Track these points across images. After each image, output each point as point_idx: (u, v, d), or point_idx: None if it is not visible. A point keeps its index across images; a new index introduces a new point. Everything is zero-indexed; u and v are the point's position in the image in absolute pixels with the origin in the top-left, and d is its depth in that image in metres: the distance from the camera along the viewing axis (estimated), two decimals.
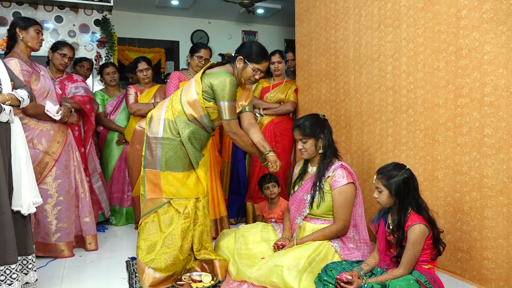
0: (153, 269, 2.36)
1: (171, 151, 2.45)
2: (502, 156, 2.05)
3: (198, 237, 2.52)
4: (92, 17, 5.14)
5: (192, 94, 2.47)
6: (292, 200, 2.58)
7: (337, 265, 2.12)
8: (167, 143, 2.45)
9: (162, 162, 2.45)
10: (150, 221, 2.48)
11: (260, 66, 2.50)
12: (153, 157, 2.48)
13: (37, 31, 2.83)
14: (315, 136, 2.45)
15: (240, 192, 3.94)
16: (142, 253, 2.42)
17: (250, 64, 2.48)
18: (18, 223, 2.15)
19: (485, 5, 2.11)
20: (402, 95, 2.67)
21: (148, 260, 2.38)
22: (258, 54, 2.48)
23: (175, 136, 2.45)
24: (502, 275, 2.07)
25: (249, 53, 2.49)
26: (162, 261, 2.37)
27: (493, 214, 2.11)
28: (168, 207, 2.48)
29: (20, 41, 2.79)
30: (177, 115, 2.47)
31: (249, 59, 2.48)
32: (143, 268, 2.38)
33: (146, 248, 2.43)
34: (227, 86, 2.40)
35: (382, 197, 2.03)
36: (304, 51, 3.85)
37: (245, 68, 2.50)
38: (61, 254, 2.91)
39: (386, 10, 2.79)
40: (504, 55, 2.02)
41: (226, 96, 2.40)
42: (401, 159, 2.65)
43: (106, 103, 4.07)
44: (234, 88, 2.43)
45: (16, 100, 2.15)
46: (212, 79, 2.44)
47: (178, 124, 2.46)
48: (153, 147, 2.48)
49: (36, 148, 2.80)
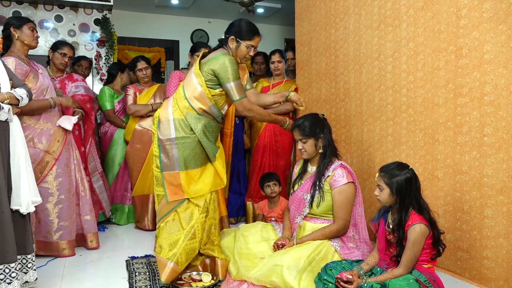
0: (175, 263, 2.36)
1: (188, 149, 2.43)
2: (502, 155, 2.05)
3: (207, 230, 2.50)
4: (92, 16, 5.14)
5: (196, 87, 2.45)
6: (292, 200, 2.58)
7: (337, 264, 2.12)
8: (182, 142, 2.43)
9: (180, 162, 2.43)
10: (170, 219, 2.46)
11: (253, 42, 2.51)
12: (170, 159, 2.44)
13: (31, 29, 2.81)
14: (315, 136, 2.45)
15: (240, 191, 3.94)
16: (165, 251, 2.41)
17: (243, 42, 2.48)
18: (17, 222, 2.15)
19: (485, 4, 2.11)
20: (402, 95, 2.67)
21: (171, 255, 2.37)
22: (249, 31, 2.50)
23: (189, 133, 2.44)
24: (502, 274, 2.07)
25: (239, 31, 2.50)
26: (184, 255, 2.38)
27: (493, 214, 2.11)
28: (188, 203, 2.46)
29: (16, 41, 2.79)
30: (186, 112, 2.45)
31: (241, 37, 2.49)
32: (164, 263, 2.37)
33: (168, 246, 2.41)
34: (229, 66, 2.40)
35: (383, 195, 2.03)
36: (304, 50, 3.85)
37: (238, 47, 2.50)
38: (62, 252, 2.91)
39: (386, 10, 2.79)
40: (504, 54, 2.02)
41: (230, 76, 2.40)
42: (401, 159, 2.65)
43: (115, 101, 4.01)
44: (235, 66, 2.44)
45: (15, 99, 2.15)
46: (212, 65, 2.43)
47: (189, 121, 2.44)
48: (168, 149, 2.45)
49: (36, 147, 2.80)
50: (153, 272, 2.61)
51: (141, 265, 2.73)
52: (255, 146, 3.83)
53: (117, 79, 4.14)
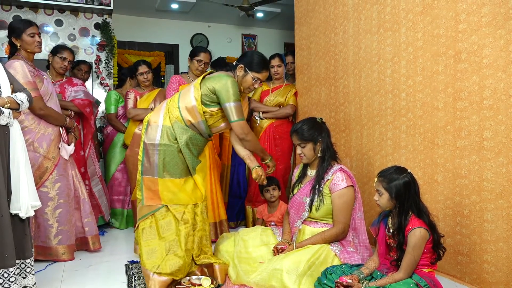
0: (158, 274, 2.35)
1: (168, 157, 2.45)
2: (502, 159, 2.05)
3: (197, 242, 2.52)
4: (92, 20, 5.15)
5: (191, 100, 2.47)
6: (292, 204, 2.58)
7: (336, 268, 2.12)
8: (164, 149, 2.45)
9: (159, 168, 2.45)
10: (147, 226, 2.47)
11: (260, 75, 2.53)
12: (151, 164, 2.47)
13: (31, 35, 2.80)
14: (313, 140, 2.45)
15: (240, 195, 3.94)
16: (143, 260, 2.41)
17: (250, 73, 2.51)
18: (17, 226, 2.14)
19: (483, 9, 2.12)
20: (401, 99, 2.68)
21: (152, 266, 2.37)
22: (259, 63, 2.52)
23: (172, 142, 2.45)
24: (502, 278, 2.07)
25: (250, 62, 2.52)
26: (168, 267, 2.36)
27: (492, 218, 2.10)
28: (166, 212, 2.47)
29: (19, 48, 2.81)
30: (174, 120, 2.47)
31: (250, 68, 2.51)
32: (148, 275, 2.37)
33: (146, 254, 2.42)
34: (230, 86, 2.41)
35: (382, 200, 2.03)
36: (304, 54, 3.86)
37: (245, 77, 2.52)
38: (61, 257, 2.91)
39: (385, 14, 2.80)
40: (503, 58, 2.03)
41: (231, 96, 2.41)
42: (400, 163, 2.65)
43: (120, 105, 4.05)
44: (236, 89, 2.45)
45: (15, 103, 2.15)
46: (214, 83, 2.45)
47: (175, 130, 2.45)
48: (150, 153, 2.47)
49: (36, 152, 2.79)
50: None
51: (140, 270, 2.72)
52: None
53: (126, 84, 4.22)
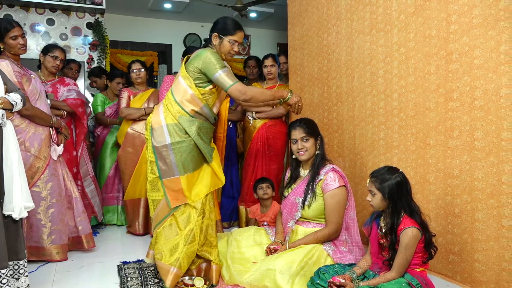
0: (178, 268, 2.37)
1: (185, 153, 2.43)
2: (492, 159, 2.07)
3: (204, 231, 2.49)
4: (84, 20, 5.12)
5: (186, 89, 2.44)
6: (285, 204, 2.59)
7: (329, 268, 2.13)
8: (179, 146, 2.42)
9: (179, 167, 2.42)
10: (167, 225, 2.44)
11: (236, 37, 2.50)
12: (168, 165, 2.43)
13: (13, 38, 2.77)
14: (315, 135, 2.49)
15: (233, 195, 3.94)
16: (166, 257, 2.40)
17: (225, 38, 2.48)
18: (10, 227, 2.12)
19: (474, 10, 2.14)
20: (393, 99, 2.69)
21: (173, 261, 2.38)
22: (231, 26, 2.50)
23: (184, 137, 2.43)
24: (492, 277, 2.09)
25: (222, 27, 2.50)
26: (185, 259, 2.39)
27: (483, 217, 2.13)
28: (185, 207, 2.45)
29: (3, 50, 2.79)
30: (178, 116, 2.44)
31: (224, 33, 2.49)
32: (167, 269, 2.36)
33: (169, 252, 2.41)
34: (211, 57, 2.40)
35: (376, 200, 2.04)
36: (297, 54, 3.87)
37: (222, 43, 2.50)
38: (55, 257, 2.89)
39: (377, 15, 2.82)
40: (493, 59, 2.05)
41: (217, 66, 2.39)
42: (393, 163, 2.67)
43: (106, 106, 4.13)
44: (218, 56, 2.44)
45: (9, 103, 2.14)
46: (196, 63, 2.43)
47: (183, 125, 2.42)
48: (164, 155, 2.43)
49: (28, 151, 2.77)
50: (145, 277, 2.60)
51: (133, 270, 2.72)
52: (248, 150, 3.84)
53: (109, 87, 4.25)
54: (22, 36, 2.83)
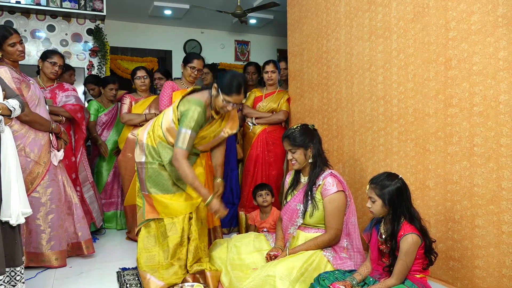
0: (155, 277, 2.46)
1: (153, 175, 2.53)
2: (492, 165, 2.07)
3: (192, 252, 2.53)
4: (85, 26, 5.14)
5: (170, 122, 2.52)
6: (285, 210, 2.58)
7: (329, 274, 2.12)
8: (150, 167, 2.53)
9: (146, 184, 2.54)
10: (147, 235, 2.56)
11: (230, 98, 2.43)
12: (141, 181, 2.59)
13: (11, 45, 2.78)
14: (304, 146, 2.45)
15: (233, 201, 3.93)
16: (141, 263, 2.52)
17: (221, 94, 2.43)
18: (7, 234, 2.12)
19: (473, 17, 2.15)
20: (393, 105, 2.70)
21: (150, 269, 2.49)
22: (230, 87, 2.41)
23: (156, 159, 2.53)
24: (493, 283, 2.08)
25: (222, 83, 2.44)
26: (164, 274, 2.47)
27: (483, 223, 2.12)
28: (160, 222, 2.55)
29: (2, 56, 2.79)
30: (158, 141, 2.53)
31: (221, 90, 2.44)
32: (144, 275, 2.48)
33: (145, 259, 2.52)
34: (194, 114, 2.39)
35: (376, 207, 2.04)
36: (296, 61, 3.88)
37: (217, 97, 2.47)
38: (54, 263, 2.87)
39: (376, 21, 2.83)
40: (492, 65, 2.06)
41: (190, 123, 2.38)
42: (392, 168, 2.67)
43: (101, 114, 4.11)
44: (201, 119, 2.42)
45: (7, 109, 2.14)
46: (183, 106, 2.46)
47: (160, 150, 2.52)
48: (139, 171, 2.59)
49: (28, 157, 2.77)
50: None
51: (132, 277, 2.71)
52: (248, 156, 3.84)
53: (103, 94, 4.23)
54: (20, 43, 2.83)
